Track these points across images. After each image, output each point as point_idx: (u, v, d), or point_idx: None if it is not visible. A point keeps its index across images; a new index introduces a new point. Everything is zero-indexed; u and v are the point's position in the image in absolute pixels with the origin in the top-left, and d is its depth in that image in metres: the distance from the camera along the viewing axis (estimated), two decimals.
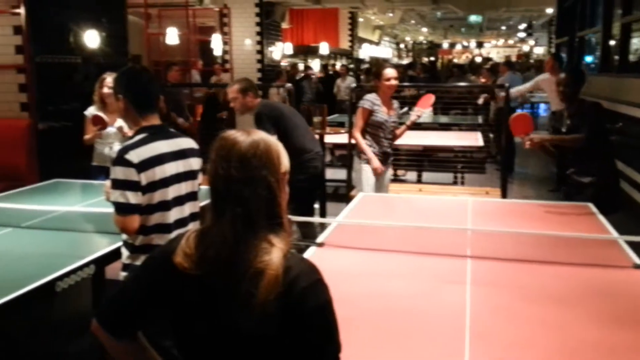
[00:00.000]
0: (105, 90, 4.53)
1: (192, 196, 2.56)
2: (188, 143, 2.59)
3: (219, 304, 1.32)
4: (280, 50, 13.25)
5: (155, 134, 2.45)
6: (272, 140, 1.39)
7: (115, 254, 2.94)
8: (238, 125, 8.75)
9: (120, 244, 2.87)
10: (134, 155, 2.32)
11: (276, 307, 1.26)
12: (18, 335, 2.89)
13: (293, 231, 1.44)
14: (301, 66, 15.92)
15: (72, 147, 5.05)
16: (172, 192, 2.45)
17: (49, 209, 3.50)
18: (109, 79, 4.52)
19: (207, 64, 12.25)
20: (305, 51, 17.04)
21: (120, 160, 2.33)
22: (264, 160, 1.34)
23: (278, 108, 4.84)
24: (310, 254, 2.92)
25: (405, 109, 5.07)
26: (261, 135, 1.38)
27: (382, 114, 4.70)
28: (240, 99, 4.46)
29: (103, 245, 3.02)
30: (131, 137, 2.45)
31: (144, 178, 2.33)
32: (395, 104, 4.90)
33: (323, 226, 6.21)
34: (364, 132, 4.76)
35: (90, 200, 3.91)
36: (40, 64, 5.71)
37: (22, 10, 5.49)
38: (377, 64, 5.43)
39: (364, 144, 4.69)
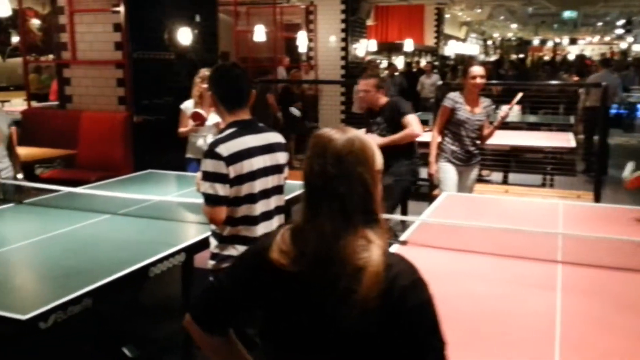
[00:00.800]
0: (204, 84, 4.69)
1: (278, 190, 2.62)
2: (275, 137, 2.64)
3: (317, 300, 1.31)
4: (365, 47, 13.22)
5: (244, 128, 2.51)
6: (367, 138, 1.39)
7: (204, 243, 3.06)
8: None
9: (209, 233, 2.98)
10: (224, 149, 2.40)
11: (377, 305, 1.25)
12: (112, 317, 3.05)
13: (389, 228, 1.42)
14: (384, 63, 15.81)
15: (165, 139, 5.28)
16: (259, 185, 2.51)
17: (144, 198, 3.67)
18: (207, 73, 4.69)
19: (293, 60, 12.42)
20: (389, 48, 16.89)
21: (211, 153, 2.41)
22: (360, 157, 1.34)
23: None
24: (393, 251, 2.91)
25: (492, 106, 4.89)
26: (356, 133, 1.38)
27: (465, 112, 4.62)
28: (373, 93, 4.55)
29: (193, 235, 3.15)
30: (221, 132, 2.53)
31: (232, 171, 2.41)
32: (486, 102, 4.76)
33: (404, 224, 6.21)
34: (443, 131, 4.73)
35: (182, 191, 4.08)
36: (137, 59, 6.00)
37: (121, 9, 5.78)
38: (467, 61, 5.30)
39: (435, 144, 4.70)
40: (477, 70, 4.60)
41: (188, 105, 4.84)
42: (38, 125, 6.19)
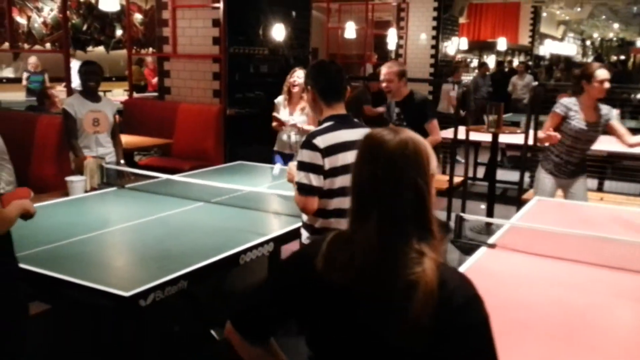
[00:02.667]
0: (293, 79, 4.83)
1: None
2: None
3: (364, 314, 1.23)
4: (456, 46, 12.99)
5: (341, 122, 2.56)
6: (421, 139, 1.29)
7: (290, 235, 3.15)
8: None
9: (296, 225, 3.07)
10: (320, 141, 2.46)
11: (429, 322, 1.16)
12: (204, 300, 3.20)
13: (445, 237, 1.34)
14: (475, 62, 15.46)
15: (255, 132, 5.45)
16: None
17: (235, 188, 3.80)
18: (299, 71, 4.83)
19: (381, 58, 12.40)
20: (481, 46, 16.52)
21: (308, 144, 2.48)
22: (413, 160, 1.24)
23: None
24: (480, 254, 2.88)
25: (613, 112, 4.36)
26: (409, 134, 1.28)
27: (579, 121, 4.18)
28: (396, 82, 4.52)
29: (281, 226, 3.23)
30: (319, 124, 2.59)
31: (328, 163, 2.46)
32: (604, 109, 4.23)
33: (489, 227, 6.06)
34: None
35: (271, 183, 4.20)
36: (233, 54, 6.20)
37: (221, 5, 5.99)
38: (587, 64, 4.87)
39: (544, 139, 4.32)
40: (603, 74, 4.06)
41: (279, 100, 4.99)
42: (138, 115, 6.54)
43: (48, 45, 11.21)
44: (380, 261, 1.21)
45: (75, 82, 8.45)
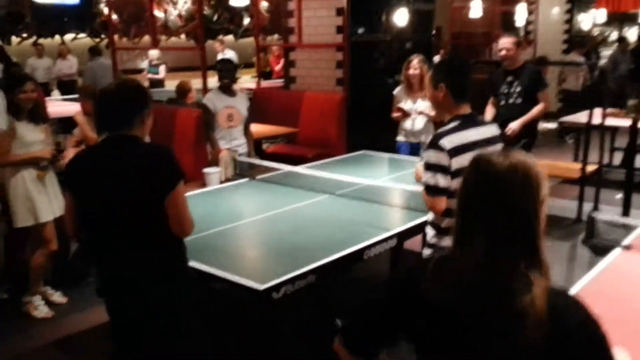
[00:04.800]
0: (411, 71, 4.82)
1: None
2: (495, 130, 2.68)
3: (472, 339, 1.23)
4: (592, 19, 12.11)
5: (467, 122, 2.57)
6: (532, 162, 1.27)
7: (413, 230, 3.19)
8: None
9: (419, 220, 3.10)
10: (447, 142, 2.48)
11: (543, 345, 1.16)
12: (329, 291, 3.34)
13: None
14: (614, 35, 14.31)
15: (378, 120, 5.50)
16: None
17: (358, 182, 3.89)
18: (415, 61, 4.81)
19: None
20: (621, 18, 15.23)
21: (434, 145, 2.50)
22: (523, 187, 1.22)
23: None
24: (615, 256, 2.75)
25: None
26: (519, 158, 1.26)
27: None
28: (514, 52, 4.74)
29: (404, 220, 3.28)
30: (445, 124, 2.60)
31: (455, 163, 2.47)
32: None
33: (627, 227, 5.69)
34: None
35: (394, 174, 4.25)
36: (355, 42, 6.27)
37: None
38: None
39: None
40: None
41: (398, 91, 4.99)
42: (266, 104, 6.82)
43: (183, 37, 11.97)
44: (487, 285, 1.21)
45: None
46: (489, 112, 4.96)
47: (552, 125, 9.21)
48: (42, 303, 3.81)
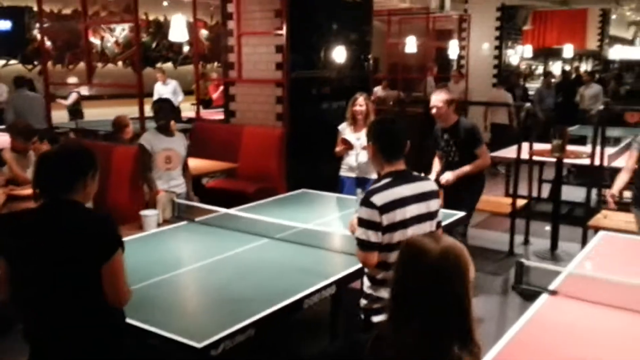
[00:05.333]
0: (357, 108, 4.96)
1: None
2: (429, 186, 2.78)
3: None
4: (519, 54, 12.74)
5: (399, 178, 2.67)
6: (461, 247, 1.33)
7: (354, 276, 3.23)
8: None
9: (359, 266, 3.14)
10: (378, 199, 2.57)
11: None
12: (273, 339, 3.33)
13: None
14: (539, 69, 15.08)
15: (319, 154, 5.58)
16: (412, 232, 2.63)
17: (297, 225, 3.91)
18: (361, 98, 4.97)
19: (443, 69, 12.32)
20: (546, 53, 16.07)
21: (366, 202, 2.59)
22: (454, 272, 1.28)
23: None
24: (542, 303, 2.87)
25: None
26: (450, 243, 1.32)
27: None
28: (445, 109, 4.71)
29: (344, 266, 3.31)
30: (377, 181, 2.69)
31: (385, 219, 2.57)
32: None
33: (554, 252, 5.94)
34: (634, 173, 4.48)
35: (335, 215, 4.30)
36: (295, 78, 6.35)
37: (284, 32, 6.15)
38: None
39: (621, 184, 4.52)
40: None
41: (344, 127, 5.10)
42: (205, 137, 6.79)
43: (120, 64, 11.76)
44: None
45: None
46: (436, 165, 5.03)
47: None
48: None
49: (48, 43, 10.39)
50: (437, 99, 4.73)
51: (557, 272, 3.16)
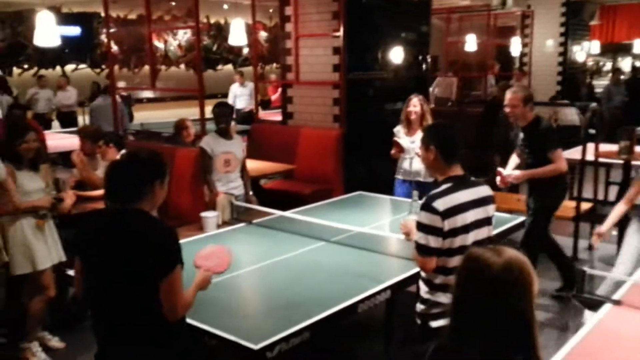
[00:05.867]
0: (411, 109, 4.91)
1: (489, 240, 2.70)
2: (486, 191, 2.75)
3: None
4: (585, 51, 12.28)
5: (459, 184, 2.66)
6: (524, 260, 1.29)
7: (407, 281, 3.22)
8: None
9: (414, 271, 3.14)
10: (440, 204, 2.55)
11: None
12: (328, 342, 3.35)
13: None
14: (608, 66, 14.48)
15: (376, 158, 5.57)
16: (472, 237, 2.62)
17: (353, 228, 3.93)
18: (415, 99, 4.91)
19: (504, 67, 12.02)
20: (615, 49, 15.41)
21: (427, 207, 2.58)
22: (518, 286, 1.25)
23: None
24: (605, 312, 2.78)
25: None
26: (512, 256, 1.28)
27: None
28: (520, 108, 4.41)
29: (399, 271, 3.30)
30: (439, 185, 2.68)
31: (447, 225, 2.55)
32: None
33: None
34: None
35: (390, 218, 4.29)
36: (352, 80, 6.35)
37: (341, 33, 6.16)
38: None
39: (617, 216, 3.92)
40: None
41: (398, 129, 5.07)
42: (263, 139, 6.90)
43: (182, 66, 12.10)
44: None
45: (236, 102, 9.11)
46: (512, 161, 4.77)
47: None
48: (40, 349, 3.82)
49: (115, 47, 10.82)
50: (513, 96, 4.45)
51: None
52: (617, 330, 2.63)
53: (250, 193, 5.01)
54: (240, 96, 10.65)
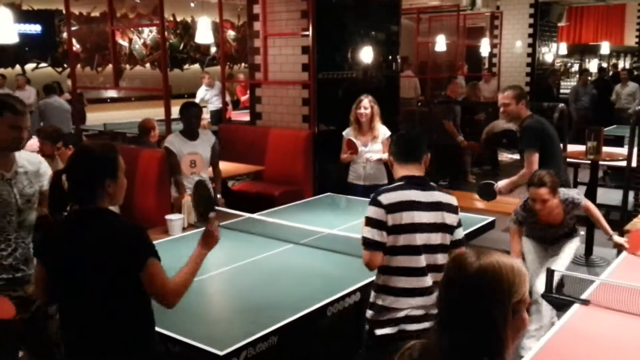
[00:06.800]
0: (361, 111, 4.85)
1: (444, 248, 2.65)
2: (445, 198, 2.71)
3: None
4: (554, 52, 12.46)
5: (412, 183, 2.65)
6: (507, 264, 1.25)
7: None
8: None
9: None
10: (384, 198, 2.58)
11: None
12: (297, 346, 3.27)
13: None
14: (575, 67, 14.72)
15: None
16: (421, 239, 2.59)
17: (321, 230, 3.86)
18: (366, 100, 4.85)
19: (472, 68, 12.11)
20: (582, 50, 15.68)
21: (373, 200, 2.61)
22: (489, 290, 1.22)
23: (547, 127, 4.38)
24: (573, 312, 2.77)
25: None
26: (492, 261, 1.25)
27: None
28: (513, 106, 4.22)
29: (369, 272, 3.23)
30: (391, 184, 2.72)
31: (391, 219, 2.55)
32: None
33: (588, 258, 5.76)
34: None
35: (360, 219, 4.19)
36: (322, 80, 6.29)
37: (310, 33, 6.10)
38: None
39: None
40: None
41: (348, 132, 5.01)
42: (232, 140, 6.78)
43: (148, 65, 11.88)
44: None
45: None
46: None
47: (516, 156, 9.37)
48: None
49: (77, 46, 10.56)
50: (503, 95, 4.23)
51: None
52: (585, 329, 2.62)
53: (219, 195, 4.90)
54: (210, 98, 10.46)
